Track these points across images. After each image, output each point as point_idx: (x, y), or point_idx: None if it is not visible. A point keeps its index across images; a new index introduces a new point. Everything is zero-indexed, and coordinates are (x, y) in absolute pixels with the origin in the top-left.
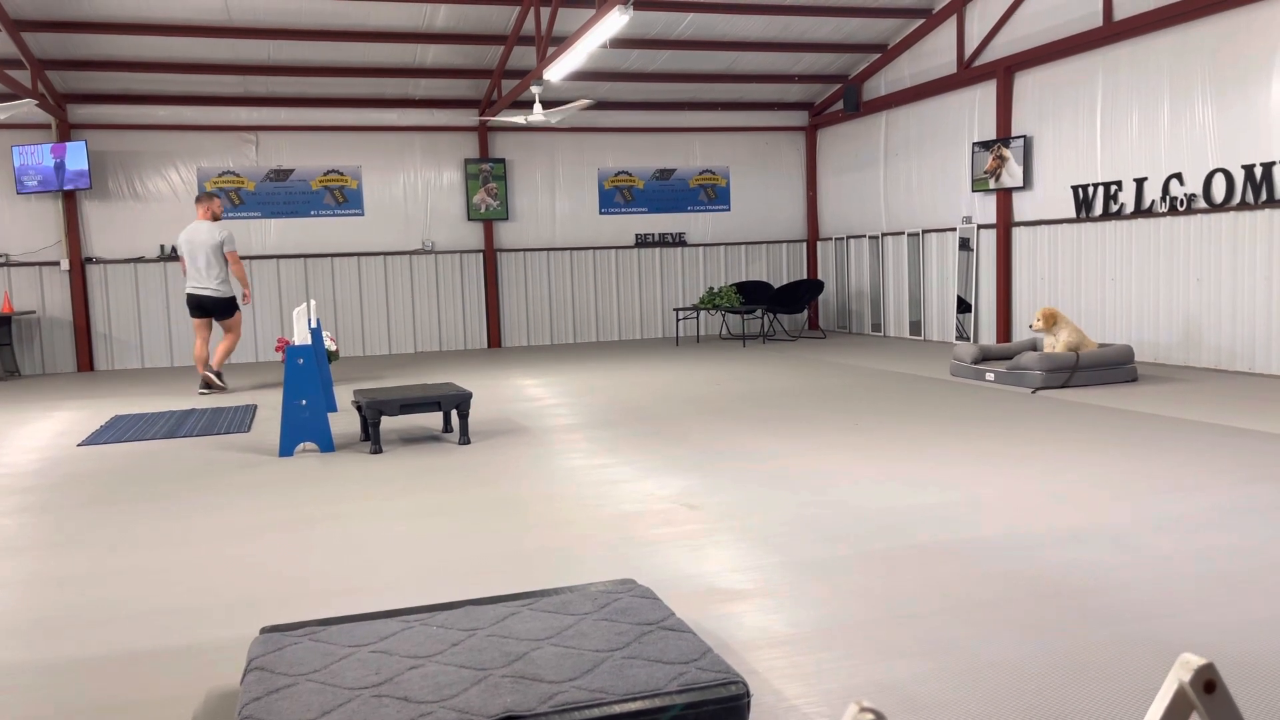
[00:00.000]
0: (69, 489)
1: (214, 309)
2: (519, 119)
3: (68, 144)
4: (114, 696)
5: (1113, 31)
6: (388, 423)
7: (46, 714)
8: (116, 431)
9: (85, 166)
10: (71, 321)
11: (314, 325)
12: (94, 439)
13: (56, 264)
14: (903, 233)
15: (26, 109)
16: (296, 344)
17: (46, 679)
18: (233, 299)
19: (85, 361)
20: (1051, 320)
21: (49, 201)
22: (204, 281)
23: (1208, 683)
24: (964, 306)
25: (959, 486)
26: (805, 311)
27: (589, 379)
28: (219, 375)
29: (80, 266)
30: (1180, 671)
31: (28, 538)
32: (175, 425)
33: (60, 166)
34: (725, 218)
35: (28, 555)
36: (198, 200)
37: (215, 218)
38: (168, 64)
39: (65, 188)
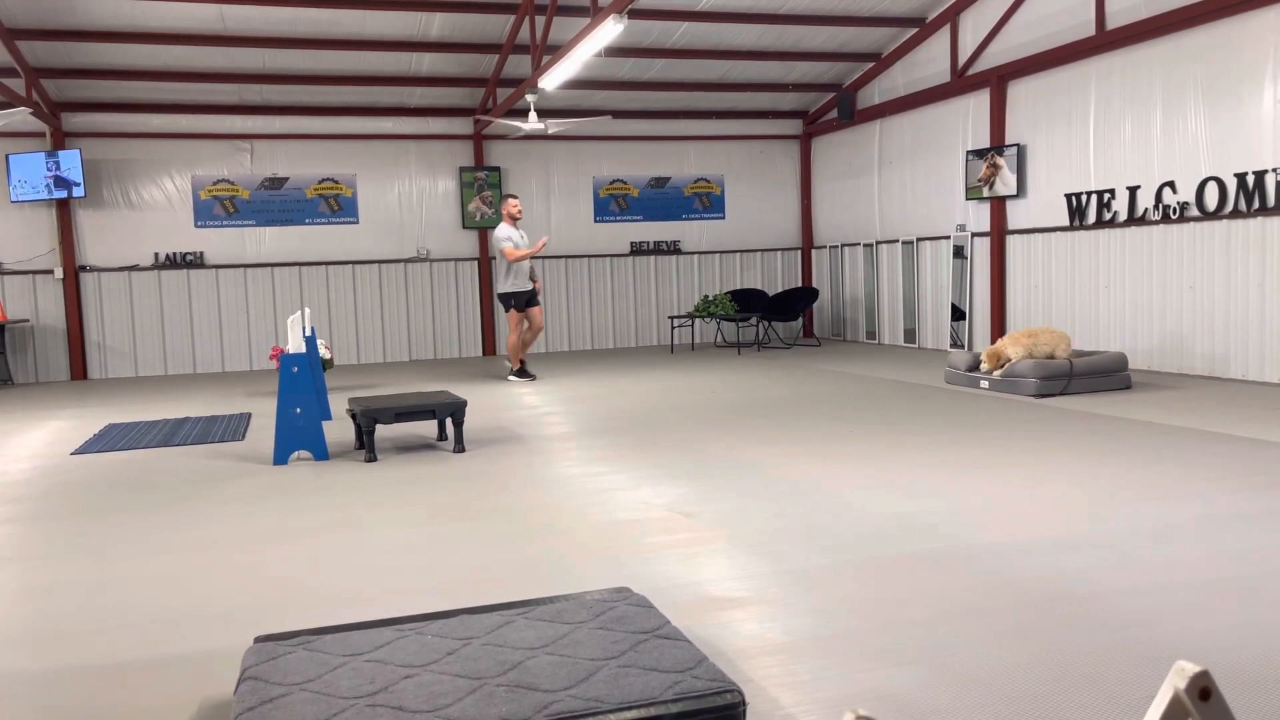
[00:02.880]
0: (61, 498)
1: (502, 303)
2: (517, 125)
3: (62, 152)
4: (106, 706)
5: (1105, 41)
6: (382, 431)
7: None
8: (109, 440)
9: (79, 175)
10: (65, 330)
11: (308, 333)
12: (87, 448)
13: (50, 272)
14: (897, 240)
15: (21, 117)
16: (291, 352)
17: (38, 688)
18: (507, 294)
19: (79, 370)
20: (996, 358)
21: (43, 210)
22: (498, 279)
23: (1203, 690)
24: (958, 314)
25: (953, 494)
26: (800, 319)
27: (584, 387)
28: (521, 371)
29: (74, 275)
30: (1176, 678)
31: (19, 547)
32: (169, 434)
33: (54, 175)
34: (720, 226)
35: (19, 565)
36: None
37: (510, 218)
38: (162, 72)
39: (59, 196)
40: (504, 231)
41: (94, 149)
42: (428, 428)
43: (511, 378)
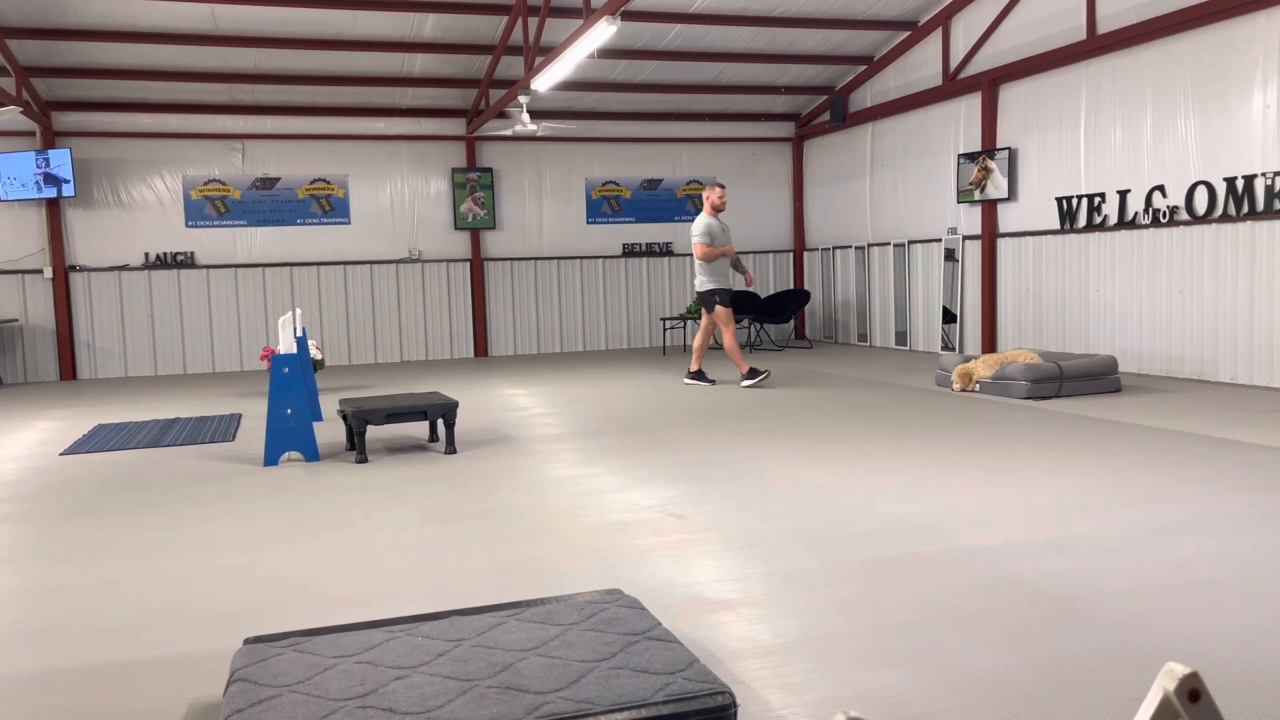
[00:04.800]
0: (50, 499)
1: (703, 302)
2: (509, 127)
3: (52, 151)
4: (95, 708)
5: (1097, 45)
6: (373, 432)
7: None
8: (99, 441)
9: (69, 172)
10: (54, 330)
11: (299, 334)
12: (76, 448)
13: (40, 272)
14: (889, 243)
15: (11, 116)
16: (282, 353)
17: (26, 690)
18: (709, 292)
19: (68, 370)
20: (967, 377)
21: (32, 209)
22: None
23: (1192, 691)
24: (949, 317)
25: (944, 496)
26: (792, 321)
27: (576, 388)
28: (699, 373)
29: (64, 274)
30: (1165, 680)
31: (8, 548)
32: (159, 434)
33: (44, 172)
34: None
35: (7, 566)
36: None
37: (712, 209)
38: (153, 72)
39: (49, 194)
40: (700, 224)
41: (84, 148)
42: (419, 429)
43: (746, 383)
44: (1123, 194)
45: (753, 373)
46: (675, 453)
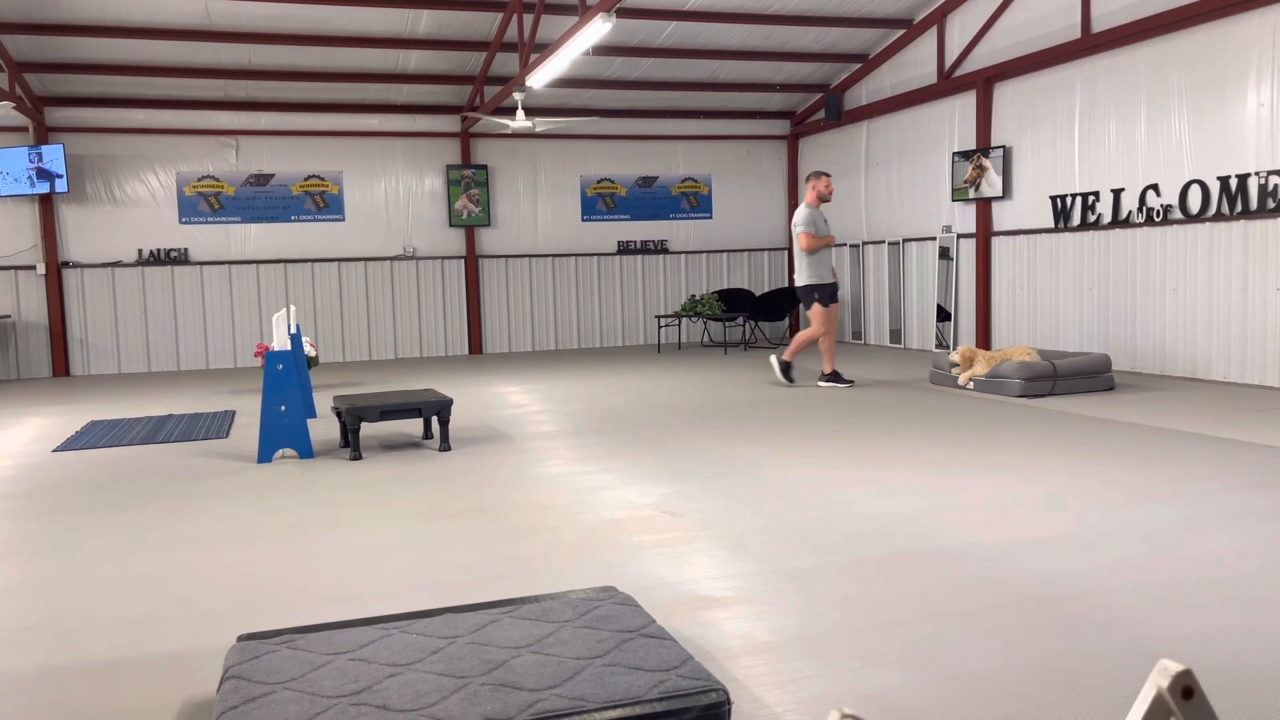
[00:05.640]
0: (43, 495)
1: (800, 298)
2: (505, 123)
3: (45, 147)
4: (88, 706)
5: (1091, 43)
6: (367, 429)
7: None
8: (92, 437)
9: (62, 167)
10: (47, 326)
11: (293, 331)
12: (69, 444)
13: (33, 268)
14: (883, 241)
15: (3, 111)
16: (276, 349)
17: (19, 688)
18: (808, 287)
19: (61, 367)
20: (969, 359)
21: (25, 205)
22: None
23: (1185, 689)
24: (944, 315)
25: (938, 494)
26: (787, 319)
27: (570, 386)
28: (787, 367)
29: (57, 271)
30: (1159, 677)
31: (0, 545)
32: (152, 431)
33: (37, 166)
34: (707, 225)
35: (0, 563)
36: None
37: (819, 199)
38: (147, 67)
39: (42, 189)
40: (803, 215)
41: (78, 144)
42: (413, 426)
43: (824, 382)
44: (1116, 193)
45: (835, 376)
46: (670, 450)
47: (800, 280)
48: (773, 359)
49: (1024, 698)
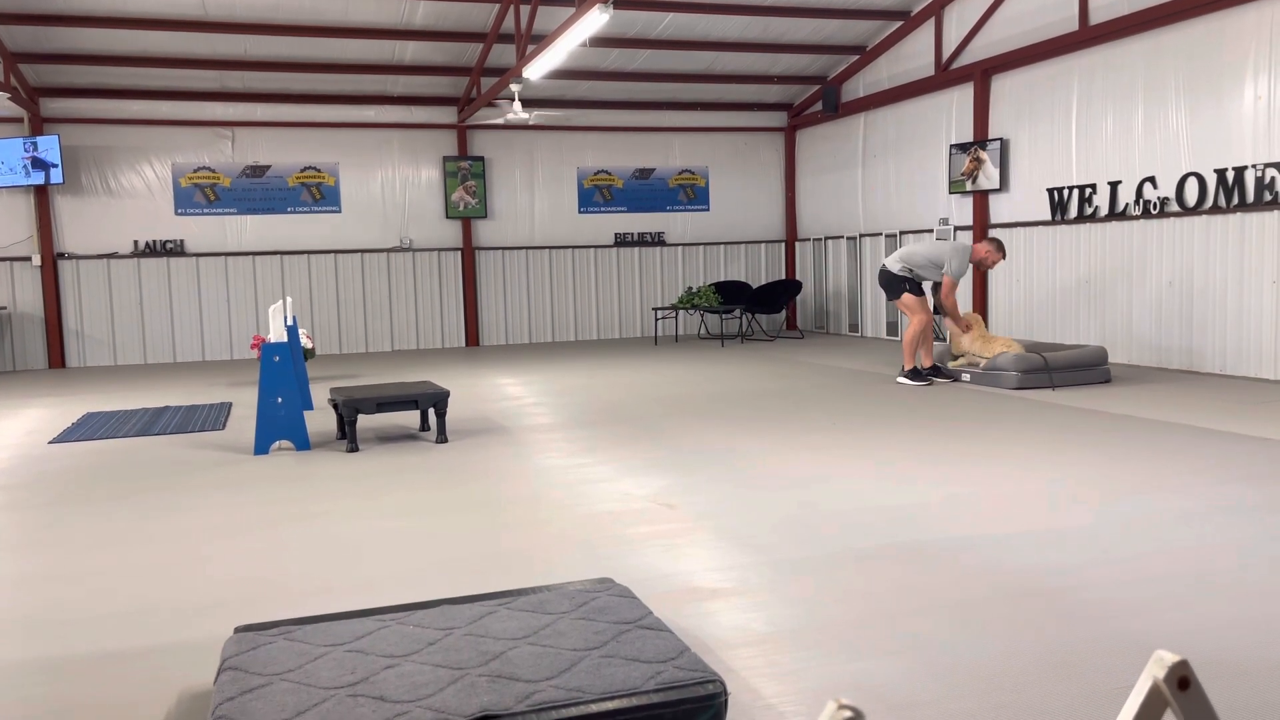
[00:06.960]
0: (39, 487)
1: (887, 284)
2: (501, 115)
3: (40, 138)
4: (85, 697)
5: (1088, 36)
6: (364, 421)
7: (16, 715)
8: (88, 429)
9: (58, 157)
10: (43, 318)
11: (290, 323)
12: (65, 436)
13: (28, 259)
14: (880, 234)
15: None
16: (272, 341)
17: (16, 679)
18: (900, 277)
19: (56, 358)
20: (969, 324)
21: (20, 196)
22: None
23: (1182, 679)
24: (940, 308)
25: (935, 486)
26: (783, 312)
27: (567, 378)
28: (914, 371)
29: (52, 262)
30: (1155, 668)
31: None
32: (148, 423)
33: (32, 156)
34: (704, 218)
35: None
36: None
37: (979, 262)
38: (143, 58)
39: (37, 179)
40: (962, 263)
41: (73, 135)
42: (410, 418)
43: (902, 379)
44: (1114, 185)
45: (915, 373)
46: (666, 442)
47: (892, 266)
48: (900, 380)
49: (1020, 689)
